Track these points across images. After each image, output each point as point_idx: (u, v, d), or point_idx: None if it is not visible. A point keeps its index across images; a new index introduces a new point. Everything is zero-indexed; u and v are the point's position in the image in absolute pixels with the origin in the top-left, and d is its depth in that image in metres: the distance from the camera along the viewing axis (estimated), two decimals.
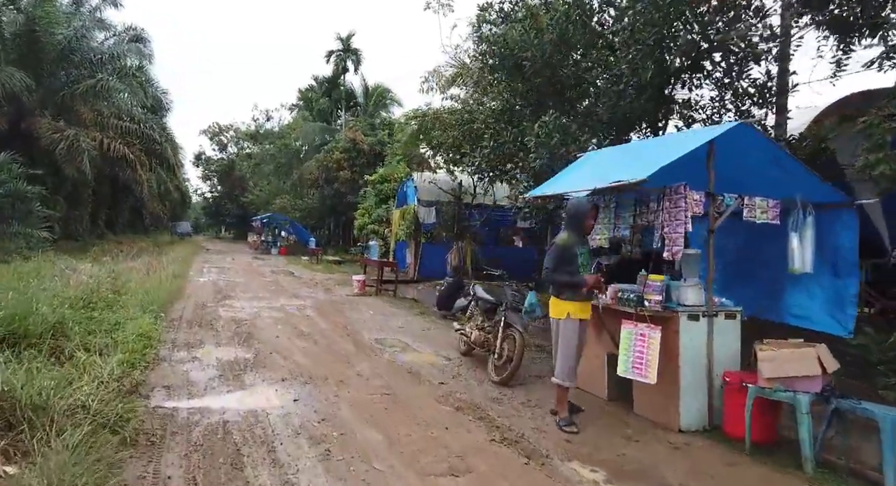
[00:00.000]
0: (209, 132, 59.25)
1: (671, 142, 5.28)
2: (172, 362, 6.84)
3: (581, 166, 6.21)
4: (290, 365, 6.93)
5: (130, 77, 29.58)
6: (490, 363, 6.82)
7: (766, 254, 5.56)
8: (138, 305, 9.46)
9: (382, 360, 7.46)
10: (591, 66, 10.30)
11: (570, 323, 5.04)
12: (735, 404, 4.60)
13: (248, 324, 9.70)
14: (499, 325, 6.89)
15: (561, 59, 10.08)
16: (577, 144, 8.82)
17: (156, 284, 12.41)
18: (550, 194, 5.89)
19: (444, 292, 11.43)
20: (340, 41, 42.26)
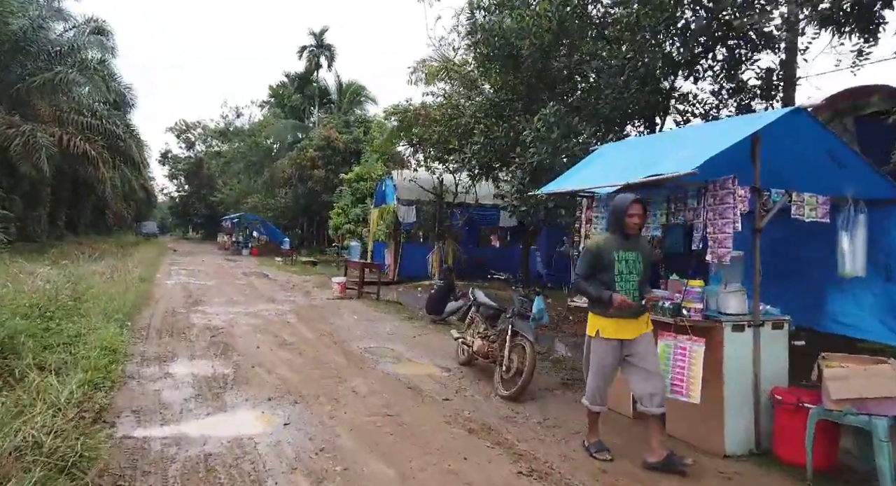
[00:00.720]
0: (176, 130, 57.51)
1: (708, 132, 4.76)
2: (142, 379, 6.09)
3: (597, 160, 5.66)
4: (276, 381, 6.24)
5: (92, 71, 28.26)
6: (496, 376, 6.23)
7: (806, 255, 5.10)
8: (101, 313, 8.65)
9: (376, 373, 6.81)
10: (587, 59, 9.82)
11: (599, 342, 4.31)
12: (789, 425, 4.10)
13: (224, 333, 8.94)
14: (505, 334, 6.31)
15: (558, 50, 9.55)
16: (579, 139, 8.32)
17: (121, 288, 11.54)
18: (568, 190, 5.33)
19: (434, 295, 10.82)
20: (313, 36, 41.27)
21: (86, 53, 28.91)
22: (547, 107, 8.32)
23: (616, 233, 4.29)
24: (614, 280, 4.19)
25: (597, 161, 5.62)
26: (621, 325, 4.22)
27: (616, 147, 6.03)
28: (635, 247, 4.28)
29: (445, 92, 14.47)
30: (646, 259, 4.30)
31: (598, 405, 4.43)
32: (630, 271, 4.22)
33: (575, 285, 4.42)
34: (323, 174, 32.02)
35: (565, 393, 6.25)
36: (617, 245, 4.24)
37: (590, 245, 4.41)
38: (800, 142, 4.38)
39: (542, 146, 8.41)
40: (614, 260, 4.20)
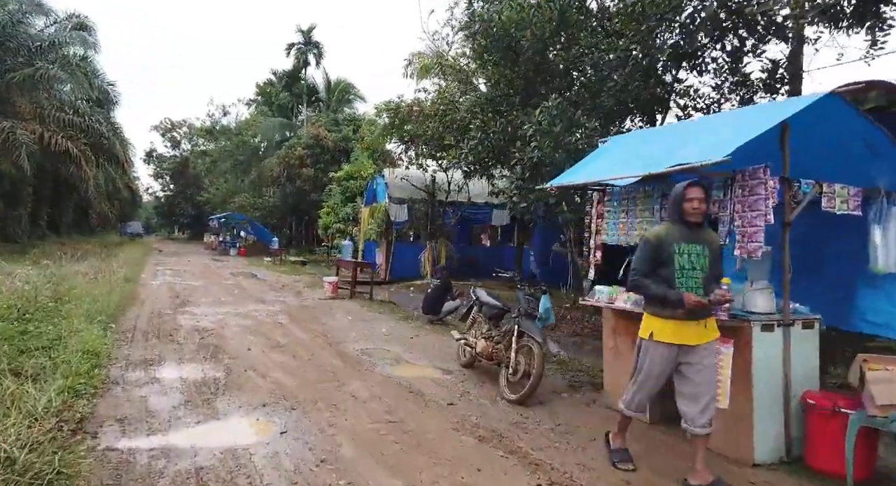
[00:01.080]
0: (161, 128, 56.73)
1: (734, 119, 4.50)
2: (126, 385, 5.72)
3: (608, 153, 5.38)
4: (270, 385, 5.90)
5: (74, 67, 27.66)
6: (502, 379, 5.93)
7: (833, 250, 4.85)
8: (84, 314, 8.27)
9: (375, 376, 6.49)
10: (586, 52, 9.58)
11: (652, 346, 3.79)
12: (824, 432, 3.84)
13: (213, 334, 8.57)
14: (511, 334, 6.02)
15: (558, 42, 9.30)
16: (582, 132, 8.05)
17: (104, 289, 11.12)
18: (579, 183, 5.04)
19: (431, 295, 10.51)
20: (301, 34, 40.79)
21: (67, 49, 28.36)
22: (549, 100, 8.04)
23: (676, 222, 3.76)
24: (674, 277, 3.68)
25: (607, 153, 5.35)
26: (681, 328, 3.70)
27: (628, 138, 5.76)
28: (700, 238, 3.73)
29: (440, 87, 14.14)
30: (713, 253, 3.77)
31: (635, 412, 4.05)
32: (693, 266, 3.70)
33: (634, 282, 3.85)
34: (312, 173, 31.59)
35: (573, 396, 5.97)
36: (678, 236, 3.71)
37: (649, 236, 3.84)
38: (832, 129, 4.13)
39: (543, 140, 8.14)
40: (674, 253, 3.69)
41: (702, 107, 9.80)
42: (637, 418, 4.10)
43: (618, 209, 5.23)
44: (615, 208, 5.25)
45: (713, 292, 3.65)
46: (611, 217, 5.31)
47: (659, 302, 3.74)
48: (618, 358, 5.24)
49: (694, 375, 3.72)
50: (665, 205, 4.67)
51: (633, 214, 5.03)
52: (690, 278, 3.70)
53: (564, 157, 8.07)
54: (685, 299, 3.57)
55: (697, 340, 3.71)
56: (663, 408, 4.83)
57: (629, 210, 5.08)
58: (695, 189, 3.67)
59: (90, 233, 40.44)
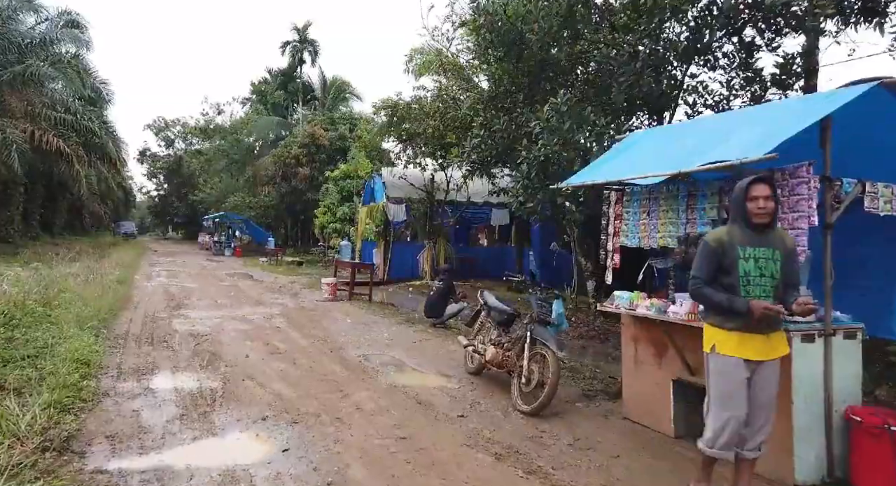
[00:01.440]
0: (154, 127, 56.18)
1: (770, 113, 4.21)
2: (118, 397, 5.40)
3: (628, 150, 5.10)
4: (270, 397, 5.59)
5: (65, 65, 27.25)
6: (514, 388, 5.64)
7: (870, 253, 4.57)
8: (74, 319, 7.95)
9: (380, 385, 6.19)
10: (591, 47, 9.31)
11: (714, 360, 3.35)
12: (872, 451, 3.56)
13: (209, 340, 8.26)
14: (523, 341, 5.73)
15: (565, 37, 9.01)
16: (593, 130, 7.77)
17: (97, 292, 10.79)
18: (600, 182, 4.74)
19: (433, 297, 10.21)
20: (296, 31, 40.50)
21: (59, 47, 27.95)
22: (557, 96, 7.75)
23: (739, 224, 3.32)
24: (739, 285, 3.26)
25: (627, 151, 5.06)
26: (746, 341, 3.26)
27: (650, 135, 5.47)
28: (768, 242, 3.28)
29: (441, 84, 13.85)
30: (787, 256, 3.32)
31: (725, 450, 3.32)
32: (761, 273, 3.26)
33: (695, 291, 3.40)
34: (308, 172, 31.26)
35: (589, 406, 5.68)
36: (743, 240, 3.28)
37: (710, 240, 3.39)
38: (877, 123, 3.85)
39: (551, 138, 7.85)
40: (738, 259, 3.26)
41: (710, 104, 9.54)
42: (724, 457, 3.40)
43: (638, 210, 4.95)
44: (635, 209, 4.97)
45: (794, 300, 3.22)
46: (630, 218, 5.02)
47: (723, 312, 3.31)
48: (639, 367, 4.95)
49: (757, 393, 3.32)
50: (692, 205, 4.39)
51: (656, 215, 4.75)
52: (758, 286, 3.27)
53: (573, 155, 7.82)
54: (752, 307, 3.14)
55: (764, 355, 3.30)
56: (689, 420, 4.56)
57: (651, 211, 4.80)
58: (759, 186, 3.24)
59: (83, 233, 39.96)
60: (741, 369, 3.27)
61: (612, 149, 5.37)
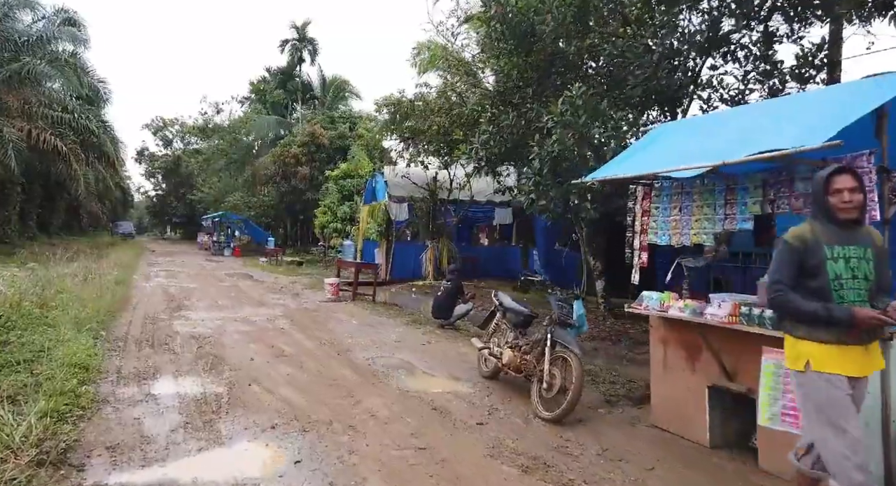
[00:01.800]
0: (152, 127, 55.86)
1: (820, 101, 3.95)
2: (118, 404, 5.13)
3: (656, 143, 4.85)
4: (278, 403, 5.32)
5: (63, 63, 26.96)
6: (534, 394, 5.37)
7: None
8: (72, 321, 7.67)
9: (392, 390, 5.93)
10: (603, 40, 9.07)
11: (810, 381, 2.87)
12: None
13: (212, 342, 7.99)
14: (543, 344, 5.47)
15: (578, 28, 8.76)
16: (607, 124, 7.52)
17: (95, 293, 10.49)
18: (630, 176, 4.47)
19: (441, 298, 9.94)
20: (295, 30, 40.18)
21: (56, 45, 27.68)
22: (573, 89, 7.50)
23: (821, 220, 2.94)
24: (830, 289, 2.84)
25: (654, 144, 4.80)
26: (845, 354, 2.81)
27: (678, 127, 5.21)
28: (858, 239, 2.89)
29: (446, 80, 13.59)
30: (878, 255, 2.93)
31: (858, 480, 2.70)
32: (853, 274, 2.85)
33: (778, 298, 2.94)
34: (307, 171, 30.97)
35: (612, 413, 5.42)
36: (829, 238, 2.87)
37: (791, 238, 2.95)
38: None
39: (565, 133, 7.61)
40: (826, 259, 2.84)
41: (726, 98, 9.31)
42: None
43: (668, 206, 4.69)
44: (665, 205, 4.71)
45: (886, 306, 2.82)
46: (660, 215, 4.76)
47: (815, 322, 2.85)
48: (668, 372, 4.70)
49: None
50: (731, 200, 4.13)
51: (688, 211, 4.49)
52: (852, 290, 2.85)
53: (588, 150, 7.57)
54: (856, 316, 2.72)
55: (864, 370, 2.89)
56: (725, 428, 4.30)
57: (683, 207, 4.54)
58: (842, 177, 2.86)
59: (81, 233, 39.66)
60: (844, 388, 2.81)
61: (637, 143, 5.13)
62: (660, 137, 4.86)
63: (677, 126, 5.29)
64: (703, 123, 4.86)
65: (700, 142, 4.15)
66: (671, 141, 4.62)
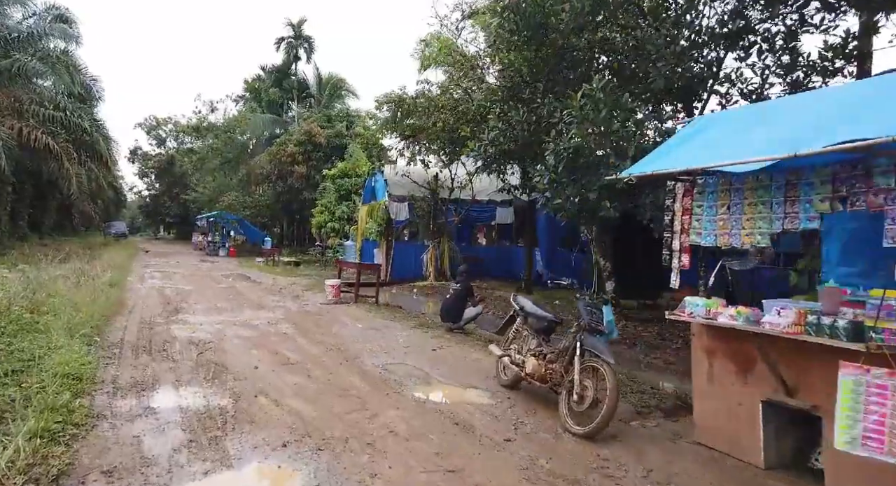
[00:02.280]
0: (146, 126, 55.16)
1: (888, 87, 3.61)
2: (115, 419, 4.73)
3: (701, 135, 4.47)
4: (289, 417, 4.94)
5: (54, 60, 26.44)
6: (563, 406, 5.01)
7: None
8: (64, 327, 7.26)
9: (408, 401, 5.55)
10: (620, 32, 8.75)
11: None
12: None
13: (212, 348, 7.59)
14: (572, 353, 5.11)
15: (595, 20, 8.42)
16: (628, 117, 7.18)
17: (88, 295, 10.06)
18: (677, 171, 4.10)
19: (450, 300, 9.56)
20: (291, 27, 39.68)
21: (47, 42, 27.17)
22: (592, 81, 7.14)
23: None
24: None
25: (699, 136, 4.44)
26: None
27: (727, 117, 4.82)
28: None
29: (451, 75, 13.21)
30: None
31: None
32: None
33: None
34: (304, 170, 30.53)
35: (646, 426, 5.07)
36: None
37: None
38: None
39: (584, 127, 7.26)
40: None
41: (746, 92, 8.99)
42: None
43: (715, 203, 4.33)
44: (711, 202, 4.35)
45: None
46: (705, 213, 4.40)
47: None
48: (714, 384, 4.34)
49: None
50: (792, 197, 3.77)
51: (739, 210, 4.13)
52: None
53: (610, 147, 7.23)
54: None
55: None
56: (780, 447, 3.95)
57: (732, 204, 4.18)
58: None
59: (73, 234, 39.07)
60: None
61: (677, 136, 4.76)
62: (704, 129, 4.49)
63: (724, 117, 4.90)
64: (757, 113, 4.47)
65: (759, 133, 3.78)
66: (719, 133, 4.26)
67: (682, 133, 4.73)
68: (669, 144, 4.62)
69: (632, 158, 7.02)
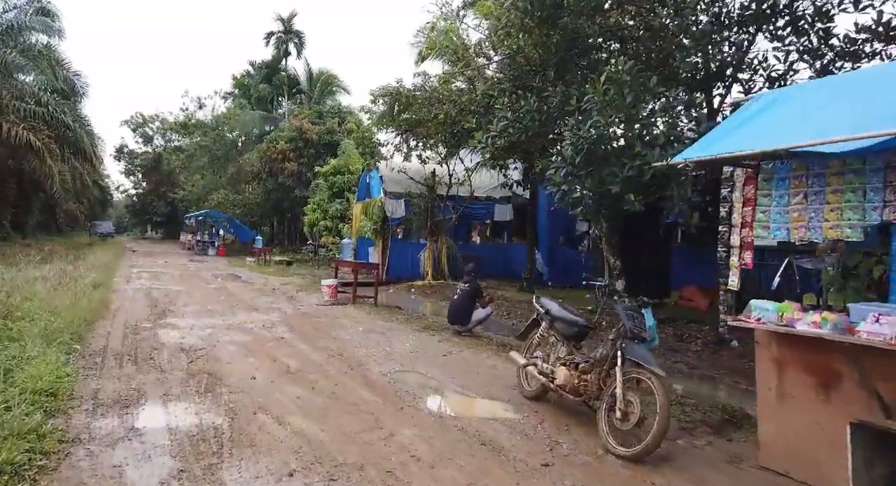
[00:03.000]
0: (132, 123, 54.07)
1: None
2: (93, 444, 4.10)
3: (769, 112, 3.90)
4: (293, 438, 4.33)
5: (36, 54, 25.62)
6: (602, 424, 4.44)
7: None
8: (41, 334, 6.60)
9: (425, 417, 4.97)
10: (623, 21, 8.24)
11: None
12: None
13: (204, 356, 6.96)
14: (611, 363, 4.55)
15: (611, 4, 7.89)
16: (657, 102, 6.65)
17: (69, 298, 9.38)
18: (746, 153, 3.53)
19: (457, 301, 8.97)
20: (281, 22, 38.97)
21: (29, 36, 26.36)
22: (617, 63, 6.58)
23: None
24: None
25: (765, 114, 3.87)
26: None
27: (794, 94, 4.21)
28: None
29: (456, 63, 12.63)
30: None
31: None
32: None
33: None
34: (295, 168, 29.86)
35: (696, 446, 4.51)
36: None
37: None
38: None
39: (608, 113, 6.71)
40: None
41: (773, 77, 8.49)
42: None
43: (787, 192, 3.79)
44: (782, 191, 3.81)
45: None
46: (774, 203, 3.85)
47: None
48: (785, 401, 3.79)
49: None
50: (893, 182, 3.23)
51: (820, 198, 3.59)
52: None
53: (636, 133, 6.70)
54: None
55: None
56: (872, 478, 3.40)
57: (812, 192, 3.64)
58: None
59: (58, 233, 38.08)
60: None
61: (736, 115, 4.20)
62: (770, 107, 3.93)
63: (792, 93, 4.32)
64: (830, 88, 3.91)
65: (844, 108, 3.24)
66: (790, 110, 3.70)
67: (742, 112, 4.17)
68: (728, 125, 4.07)
69: (661, 146, 6.49)
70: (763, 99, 4.23)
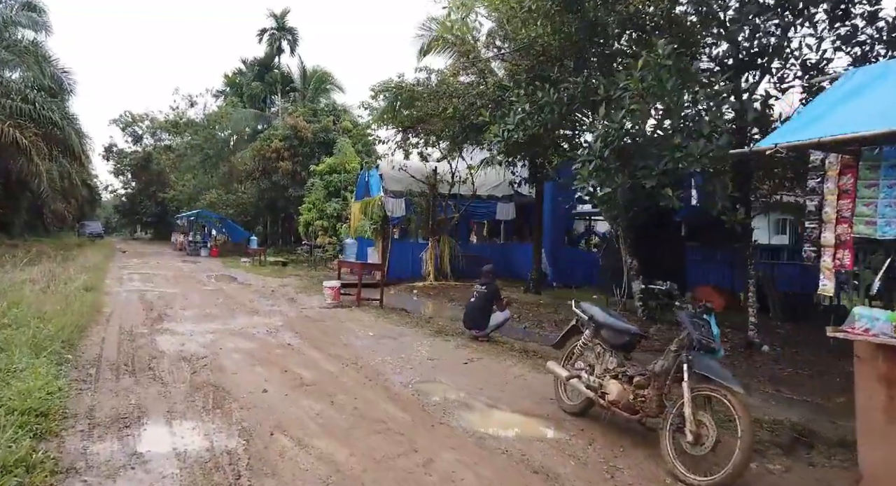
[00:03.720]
0: (121, 122, 53.05)
1: None
2: (90, 474, 3.55)
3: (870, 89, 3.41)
4: (319, 465, 3.80)
5: (22, 50, 24.89)
6: (667, 447, 3.93)
7: None
8: (29, 343, 6.04)
9: (461, 437, 4.45)
10: None
11: None
12: None
13: (208, 365, 6.41)
14: (676, 377, 4.06)
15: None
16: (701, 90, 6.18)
17: (60, 303, 8.79)
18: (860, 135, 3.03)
19: (475, 304, 8.45)
20: (274, 19, 38.27)
21: (15, 31, 25.66)
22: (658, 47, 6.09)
23: None
24: None
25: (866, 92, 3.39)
26: None
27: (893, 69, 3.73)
28: None
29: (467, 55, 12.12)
30: None
31: None
32: None
33: None
34: (290, 166, 29.24)
35: (770, 469, 4.03)
36: None
37: None
38: None
39: (646, 102, 6.23)
40: None
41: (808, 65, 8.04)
42: None
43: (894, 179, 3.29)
44: (892, 179, 3.31)
45: None
46: (881, 195, 3.36)
47: None
48: (892, 424, 3.30)
49: None
50: None
51: None
52: None
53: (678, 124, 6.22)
54: None
55: None
56: None
57: None
58: None
59: (46, 234, 37.17)
60: None
61: (828, 95, 3.71)
62: (870, 85, 3.45)
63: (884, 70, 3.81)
64: None
65: None
66: None
67: (833, 92, 3.69)
68: (818, 107, 3.58)
69: (706, 137, 6.02)
70: (854, 77, 3.75)
